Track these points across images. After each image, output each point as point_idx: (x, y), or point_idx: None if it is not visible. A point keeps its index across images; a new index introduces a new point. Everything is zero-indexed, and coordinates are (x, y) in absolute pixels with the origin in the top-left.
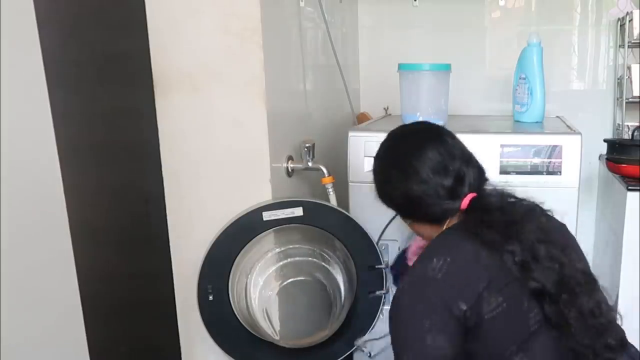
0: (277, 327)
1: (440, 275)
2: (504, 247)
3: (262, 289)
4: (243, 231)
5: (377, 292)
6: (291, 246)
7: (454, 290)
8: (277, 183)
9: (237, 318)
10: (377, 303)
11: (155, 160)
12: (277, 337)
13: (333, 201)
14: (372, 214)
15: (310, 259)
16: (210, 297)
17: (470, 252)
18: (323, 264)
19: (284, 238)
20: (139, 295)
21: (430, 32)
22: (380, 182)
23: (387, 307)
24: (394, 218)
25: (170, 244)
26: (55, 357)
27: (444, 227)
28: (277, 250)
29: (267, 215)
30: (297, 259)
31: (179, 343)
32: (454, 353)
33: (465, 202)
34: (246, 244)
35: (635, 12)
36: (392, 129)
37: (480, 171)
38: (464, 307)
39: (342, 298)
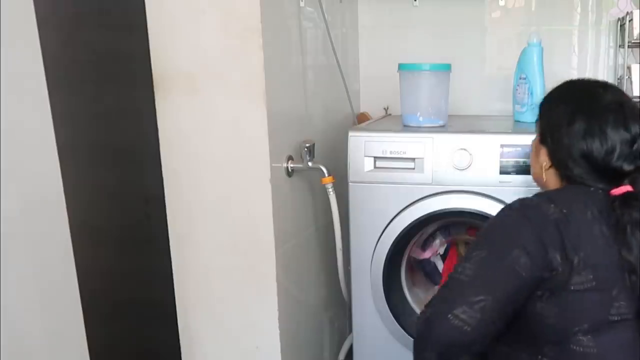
0: None
1: (552, 218)
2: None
3: None
4: None
5: None
6: None
7: (557, 238)
8: (277, 183)
9: None
10: None
11: (155, 161)
12: None
13: (333, 201)
14: (372, 214)
15: None
16: None
17: (589, 221)
18: None
19: None
20: (139, 295)
21: (430, 32)
22: (557, 116)
23: None
24: (394, 218)
25: (170, 244)
26: (55, 357)
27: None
28: None
29: None
30: None
31: (179, 343)
32: (526, 282)
33: (618, 191)
34: None
35: (635, 12)
36: (393, 128)
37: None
38: (557, 262)
39: None
